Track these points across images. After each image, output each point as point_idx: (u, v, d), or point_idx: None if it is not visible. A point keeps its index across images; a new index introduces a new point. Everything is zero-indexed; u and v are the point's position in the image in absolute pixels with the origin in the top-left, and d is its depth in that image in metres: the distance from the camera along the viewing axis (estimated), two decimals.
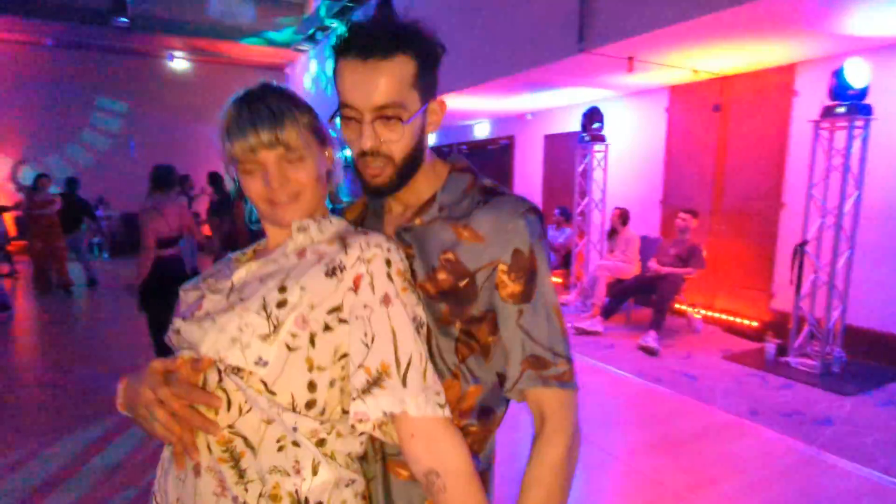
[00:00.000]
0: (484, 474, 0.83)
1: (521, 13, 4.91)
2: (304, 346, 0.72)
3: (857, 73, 3.71)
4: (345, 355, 0.75)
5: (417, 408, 0.70)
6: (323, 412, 0.74)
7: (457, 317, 0.81)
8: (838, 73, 3.74)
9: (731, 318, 5.06)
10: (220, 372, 0.72)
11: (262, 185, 0.78)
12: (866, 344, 4.18)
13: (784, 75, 4.65)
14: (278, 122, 0.76)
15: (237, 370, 0.71)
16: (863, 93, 3.76)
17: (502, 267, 0.80)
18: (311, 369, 0.73)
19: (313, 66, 9.55)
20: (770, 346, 4.28)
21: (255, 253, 0.89)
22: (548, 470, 0.76)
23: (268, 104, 0.77)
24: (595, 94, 6.05)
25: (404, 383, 0.71)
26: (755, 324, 4.84)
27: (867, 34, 3.70)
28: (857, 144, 3.89)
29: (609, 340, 4.74)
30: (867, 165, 3.95)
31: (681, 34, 3.69)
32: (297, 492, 0.71)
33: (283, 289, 0.73)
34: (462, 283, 0.80)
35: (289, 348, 0.71)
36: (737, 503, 2.35)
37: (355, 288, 0.74)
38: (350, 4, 7.63)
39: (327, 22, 8.11)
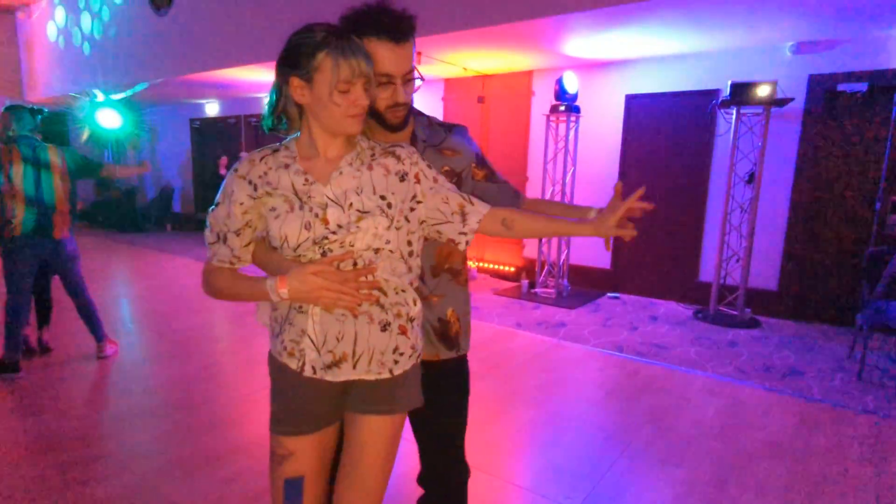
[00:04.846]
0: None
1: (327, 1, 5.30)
2: (404, 224, 1.18)
3: (571, 83, 5.24)
4: (424, 221, 1.21)
5: (485, 207, 1.23)
6: (416, 255, 1.22)
7: None
8: (559, 81, 5.21)
9: (497, 266, 6.48)
10: (354, 262, 1.12)
11: (350, 103, 1.09)
12: (581, 276, 5.94)
13: (525, 79, 6.10)
14: (368, 61, 1.10)
15: (376, 250, 1.13)
16: (574, 96, 5.31)
17: (473, 165, 1.37)
18: (408, 234, 1.19)
19: (60, 15, 8.12)
20: (524, 283, 5.74)
21: (296, 159, 1.16)
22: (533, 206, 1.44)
23: (361, 50, 1.09)
24: None
25: (472, 204, 1.22)
26: (513, 269, 6.33)
27: (577, 55, 5.23)
28: (572, 133, 5.49)
29: None
30: (578, 148, 5.61)
31: (456, 39, 4.66)
32: (408, 313, 1.20)
33: (383, 197, 1.14)
34: (454, 181, 1.32)
35: (397, 229, 1.16)
36: (517, 374, 3.44)
37: (418, 181, 1.20)
38: None
39: None
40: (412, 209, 1.20)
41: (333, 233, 1.11)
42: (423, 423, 1.43)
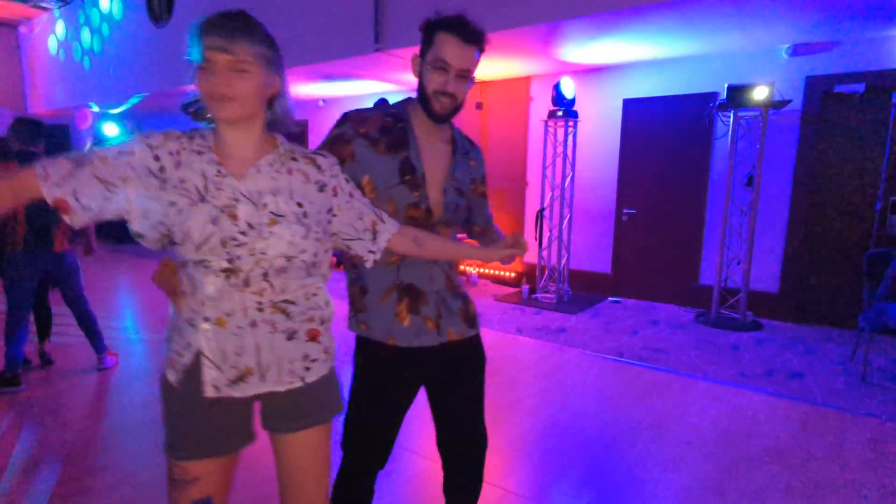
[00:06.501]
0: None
1: (321, 7, 5.33)
2: (322, 235, 1.14)
3: (568, 88, 5.24)
4: (335, 234, 1.19)
5: (395, 226, 1.25)
6: (326, 264, 1.20)
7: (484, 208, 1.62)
8: (556, 87, 5.21)
9: (497, 272, 6.47)
10: (265, 272, 1.06)
11: (208, 80, 0.99)
12: (582, 280, 5.93)
13: (523, 85, 6.11)
14: (232, 37, 0.98)
15: (290, 258, 1.07)
16: (572, 102, 5.32)
17: (479, 180, 1.54)
18: (324, 245, 1.16)
19: (61, 29, 8.19)
20: (524, 288, 5.73)
21: (211, 148, 1.07)
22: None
23: (232, 21, 1.00)
24: (384, 87, 6.80)
25: (384, 222, 1.24)
26: (513, 274, 6.32)
27: (573, 61, 5.24)
28: (570, 138, 5.49)
29: None
30: (577, 153, 5.61)
31: None
32: (321, 317, 1.17)
33: (300, 204, 1.10)
34: (472, 188, 1.52)
35: (316, 240, 1.12)
36: (516, 381, 3.43)
37: (335, 194, 1.17)
38: None
39: None
40: (329, 221, 1.17)
41: (243, 233, 1.03)
42: (460, 400, 1.55)
